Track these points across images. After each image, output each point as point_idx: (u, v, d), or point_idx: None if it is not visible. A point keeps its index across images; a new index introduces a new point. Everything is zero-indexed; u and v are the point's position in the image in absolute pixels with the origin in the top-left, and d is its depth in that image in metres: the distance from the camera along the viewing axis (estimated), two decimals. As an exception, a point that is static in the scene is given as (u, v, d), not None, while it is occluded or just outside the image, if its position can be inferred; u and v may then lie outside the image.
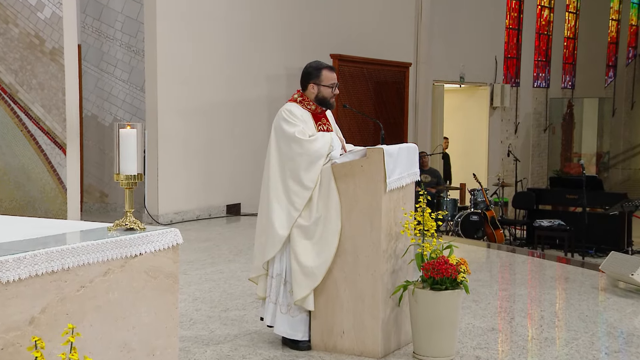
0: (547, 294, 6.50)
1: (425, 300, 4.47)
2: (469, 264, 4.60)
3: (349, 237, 4.56)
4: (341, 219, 4.53)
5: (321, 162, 4.55)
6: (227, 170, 10.98)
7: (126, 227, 3.15)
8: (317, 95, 4.75)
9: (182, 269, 6.71)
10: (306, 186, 4.53)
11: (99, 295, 2.89)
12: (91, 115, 10.94)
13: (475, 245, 9.38)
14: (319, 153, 4.54)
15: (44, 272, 2.67)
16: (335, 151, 4.61)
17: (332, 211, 4.53)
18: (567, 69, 21.54)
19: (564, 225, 12.40)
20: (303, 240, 4.54)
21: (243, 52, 11.12)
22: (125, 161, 3.14)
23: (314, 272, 4.53)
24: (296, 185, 4.54)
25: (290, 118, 4.63)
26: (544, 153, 20.18)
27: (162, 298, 3.17)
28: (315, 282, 4.54)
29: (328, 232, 4.52)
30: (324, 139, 4.59)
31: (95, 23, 10.79)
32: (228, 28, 10.88)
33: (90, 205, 11.06)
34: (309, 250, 4.54)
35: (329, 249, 4.52)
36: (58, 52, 8.18)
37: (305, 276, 4.53)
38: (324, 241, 4.53)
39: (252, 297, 6.00)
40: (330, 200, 4.53)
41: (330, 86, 4.75)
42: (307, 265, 4.52)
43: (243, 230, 9.73)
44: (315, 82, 4.75)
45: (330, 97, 4.76)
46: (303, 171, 4.53)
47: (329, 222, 4.53)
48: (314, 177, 4.54)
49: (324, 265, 4.53)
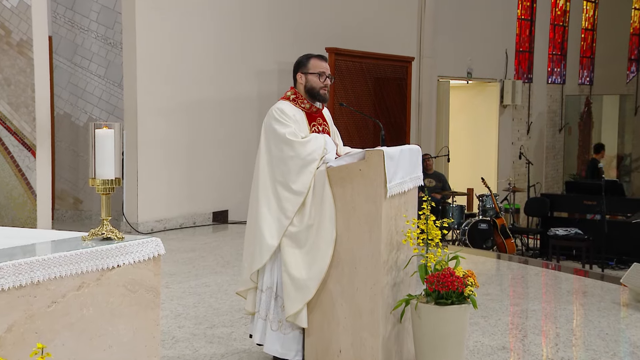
0: (563, 310, 6.51)
1: (430, 316, 4.48)
2: (477, 277, 4.61)
3: (346, 247, 4.56)
4: (336, 227, 4.54)
5: (314, 165, 4.56)
6: (214, 174, 10.98)
7: (102, 237, 3.14)
8: (305, 86, 4.77)
9: (163, 282, 6.70)
10: (298, 192, 4.54)
11: (72, 312, 2.88)
12: (64, 114, 10.93)
13: (484, 256, 9.40)
14: (312, 156, 4.55)
15: (11, 286, 2.67)
16: (330, 154, 4.62)
17: (326, 218, 4.53)
18: (584, 64, 21.60)
19: (581, 235, 12.42)
20: (293, 249, 4.54)
21: (231, 45, 11.14)
22: (101, 164, 3.14)
23: (306, 284, 4.53)
24: (287, 191, 4.55)
25: (282, 118, 4.64)
26: (559, 155, 20.22)
27: (142, 314, 3.16)
28: (308, 295, 4.54)
29: (321, 240, 4.52)
30: (317, 141, 4.60)
31: (67, 13, 10.79)
32: (214, 19, 10.89)
33: (63, 212, 11.04)
34: (300, 260, 4.54)
35: (322, 259, 4.52)
36: (26, 44, 8.18)
37: (297, 289, 4.53)
38: (317, 251, 4.53)
39: (240, 313, 6.00)
40: (325, 206, 4.53)
41: (318, 74, 4.75)
42: (298, 277, 4.52)
43: (231, 239, 9.72)
44: (302, 70, 4.78)
45: (319, 88, 4.76)
46: (294, 175, 4.54)
47: (322, 230, 4.53)
48: (307, 181, 4.54)
49: (317, 277, 4.53)
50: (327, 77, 4.78)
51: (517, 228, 13.85)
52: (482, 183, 13.32)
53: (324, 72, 4.77)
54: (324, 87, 4.78)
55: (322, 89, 4.78)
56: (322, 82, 4.77)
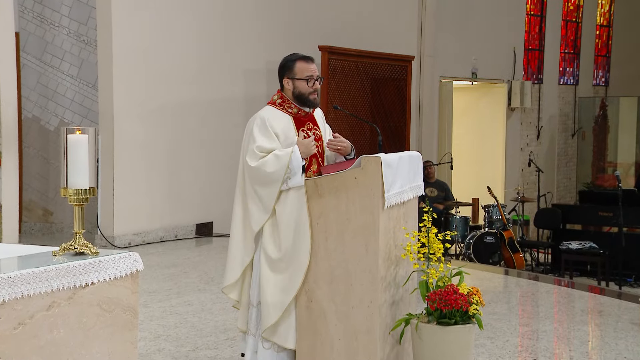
0: (577, 331, 6.52)
1: (431, 337, 4.48)
2: (482, 294, 4.61)
3: (341, 262, 4.57)
4: (310, 256, 4.56)
5: (276, 186, 4.57)
6: (197, 183, 10.98)
7: (75, 252, 3.14)
8: (294, 92, 4.78)
9: (142, 301, 6.68)
10: (264, 207, 4.60)
11: (41, 334, 2.87)
12: (32, 118, 10.91)
13: (491, 272, 9.40)
14: (271, 178, 4.57)
15: (-25, 305, 2.66)
16: (296, 178, 4.57)
17: (301, 249, 4.57)
18: (599, 63, 21.68)
19: (596, 249, 12.44)
20: (270, 273, 4.61)
21: (216, 42, 11.15)
22: (74, 173, 3.14)
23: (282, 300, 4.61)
24: (253, 203, 4.64)
25: (263, 128, 4.65)
26: (571, 162, 20.27)
27: (118, 336, 3.16)
28: (285, 304, 4.59)
29: (295, 269, 4.59)
30: (280, 162, 4.56)
31: (36, 7, 10.79)
32: (198, 13, 10.90)
33: (31, 225, 11.01)
34: (276, 285, 4.61)
35: (296, 282, 4.59)
36: (-9, 41, 8.17)
37: (273, 305, 4.60)
38: (291, 277, 4.60)
39: (226, 334, 5.99)
40: (299, 235, 4.57)
41: (306, 79, 4.75)
42: (271, 301, 4.60)
43: (215, 254, 9.71)
44: (288, 75, 4.78)
45: (308, 93, 4.77)
46: (259, 188, 4.62)
47: (294, 261, 4.58)
48: (271, 197, 4.59)
49: (292, 291, 4.60)
50: (316, 80, 4.78)
51: (526, 241, 13.87)
52: (488, 192, 13.34)
53: (312, 75, 4.76)
54: (313, 92, 4.78)
55: (312, 94, 4.79)
56: (311, 87, 4.77)
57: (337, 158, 4.93)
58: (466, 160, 16.23)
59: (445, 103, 15.49)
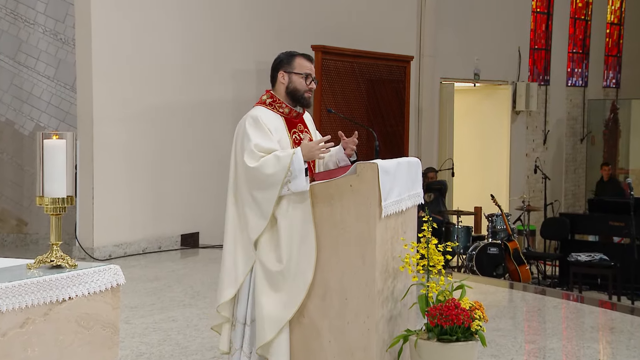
0: (586, 349, 6.52)
1: (431, 355, 4.48)
2: (486, 309, 4.61)
3: (336, 274, 4.56)
4: (314, 269, 4.54)
5: (275, 190, 4.54)
6: (182, 191, 10.96)
7: (51, 265, 3.13)
8: (288, 86, 4.79)
9: (123, 317, 6.66)
10: (261, 213, 4.56)
11: (15, 352, 2.87)
12: (5, 121, 10.90)
13: (494, 285, 9.41)
14: (270, 181, 4.54)
15: (-55, 322, 2.65)
16: (297, 182, 4.53)
17: (307, 259, 4.54)
18: (610, 63, 21.74)
19: (607, 261, 12.45)
20: (268, 287, 4.57)
21: (203, 41, 11.15)
22: (50, 180, 3.14)
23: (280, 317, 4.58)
24: (249, 209, 4.60)
25: (257, 126, 4.64)
26: (580, 169, 20.31)
27: (97, 354, 3.15)
28: (283, 321, 4.56)
29: (297, 284, 4.57)
30: (280, 164, 4.55)
31: (10, 3, 10.77)
32: (184, 10, 10.90)
33: (4, 236, 10.98)
34: (275, 300, 4.57)
35: (298, 298, 4.56)
36: (-36, 41, 8.17)
37: (269, 320, 4.56)
38: (292, 292, 4.57)
39: (212, 352, 5.98)
40: (305, 243, 4.55)
41: (304, 75, 4.78)
42: (267, 317, 4.57)
43: (202, 266, 9.70)
44: (285, 69, 4.80)
45: (303, 91, 4.79)
46: (256, 192, 4.57)
47: (299, 276, 4.55)
48: (270, 201, 4.55)
49: (293, 307, 4.57)
50: (313, 80, 4.82)
51: (532, 253, 13.88)
52: (492, 201, 13.35)
53: (310, 74, 4.81)
54: (308, 91, 4.81)
55: (307, 92, 4.81)
56: (308, 85, 4.80)
57: (331, 164, 4.94)
58: (468, 166, 16.24)
59: (446, 106, 15.51)
